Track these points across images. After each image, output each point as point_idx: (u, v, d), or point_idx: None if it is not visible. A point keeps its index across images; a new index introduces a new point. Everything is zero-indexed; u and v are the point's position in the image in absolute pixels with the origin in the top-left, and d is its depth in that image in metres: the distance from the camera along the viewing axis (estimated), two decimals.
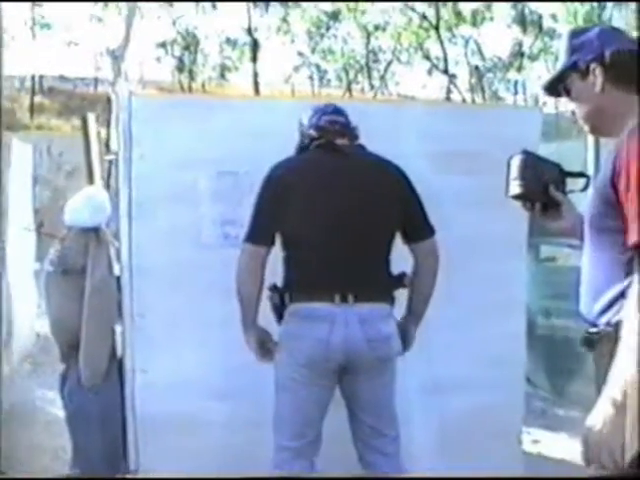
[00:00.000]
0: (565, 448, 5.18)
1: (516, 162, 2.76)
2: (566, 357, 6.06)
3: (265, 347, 3.64)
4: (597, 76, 2.42)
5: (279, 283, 3.59)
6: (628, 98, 2.38)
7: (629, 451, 2.09)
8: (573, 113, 2.57)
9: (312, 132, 3.65)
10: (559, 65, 2.54)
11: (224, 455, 4.13)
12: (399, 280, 3.66)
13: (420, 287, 3.72)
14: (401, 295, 3.73)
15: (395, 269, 3.68)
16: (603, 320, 2.31)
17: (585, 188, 2.73)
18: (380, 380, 3.60)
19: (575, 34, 2.54)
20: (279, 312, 3.58)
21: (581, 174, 2.82)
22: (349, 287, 3.49)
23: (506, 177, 2.79)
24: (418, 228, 3.69)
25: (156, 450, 4.13)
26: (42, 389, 6.55)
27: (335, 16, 34.33)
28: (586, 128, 2.56)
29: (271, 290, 3.59)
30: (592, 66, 2.43)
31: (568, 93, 2.54)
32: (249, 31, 34.13)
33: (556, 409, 6.26)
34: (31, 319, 7.93)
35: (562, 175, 2.79)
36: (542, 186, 2.74)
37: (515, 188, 2.76)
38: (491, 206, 4.24)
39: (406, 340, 3.76)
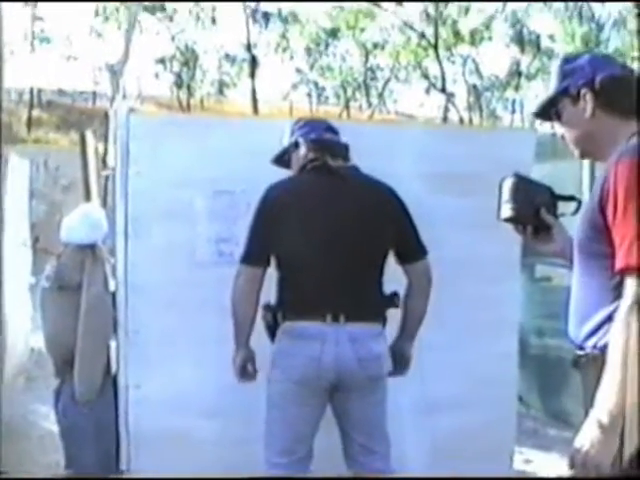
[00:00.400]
0: (557, 468, 5.19)
1: (508, 185, 2.79)
2: (559, 377, 6.07)
3: (246, 368, 3.67)
4: (588, 101, 2.46)
5: (272, 302, 3.62)
6: (618, 123, 2.42)
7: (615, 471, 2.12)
8: (563, 137, 2.61)
9: (309, 148, 3.68)
10: (551, 90, 2.58)
11: (217, 471, 4.12)
12: (391, 300, 3.68)
13: (413, 307, 3.75)
14: (394, 315, 3.76)
15: (388, 289, 3.71)
16: (590, 343, 2.34)
17: (576, 211, 2.75)
18: (371, 399, 3.62)
19: (567, 60, 2.58)
20: (272, 330, 3.61)
21: (572, 198, 2.84)
22: (341, 307, 3.52)
23: (498, 200, 2.81)
24: (411, 249, 3.72)
25: (149, 465, 4.13)
26: (36, 404, 6.53)
27: (334, 33, 34.48)
28: (576, 153, 2.60)
29: (264, 309, 3.61)
30: (583, 91, 2.46)
31: (559, 118, 2.57)
32: (248, 47, 34.25)
33: (548, 429, 6.26)
34: (25, 334, 7.91)
35: (553, 198, 2.81)
36: (533, 209, 2.77)
37: (507, 211, 2.78)
38: (485, 227, 4.25)
39: (403, 361, 3.79)
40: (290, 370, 3.53)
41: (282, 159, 3.81)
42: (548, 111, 2.61)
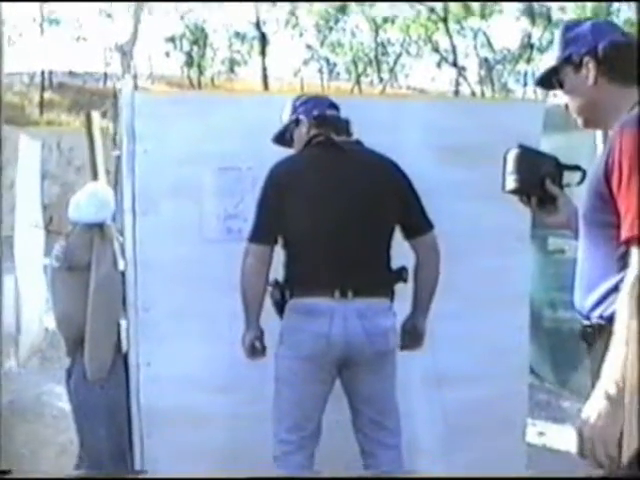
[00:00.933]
0: (570, 440, 5.18)
1: (512, 156, 2.77)
2: (572, 349, 6.06)
3: (255, 346, 3.67)
4: (590, 69, 2.43)
5: (280, 278, 3.62)
6: (621, 91, 2.40)
7: (625, 445, 2.11)
8: (566, 107, 2.58)
9: (311, 125, 3.69)
10: (553, 58, 2.55)
11: (228, 448, 4.16)
12: (399, 275, 3.68)
13: (423, 281, 3.75)
14: (408, 291, 3.76)
15: (398, 264, 3.70)
16: (596, 314, 2.32)
17: (581, 182, 2.73)
18: (380, 373, 3.63)
19: (569, 28, 2.55)
20: (280, 307, 3.62)
21: (577, 167, 2.82)
22: (348, 282, 3.52)
23: (502, 171, 2.80)
24: (416, 223, 3.71)
25: (161, 443, 4.16)
26: (50, 384, 6.60)
27: (343, 9, 34.29)
28: (579, 121, 2.58)
29: (272, 286, 3.62)
30: (585, 59, 2.44)
31: (561, 86, 2.55)
32: (257, 25, 34.13)
33: (561, 401, 6.26)
34: (40, 314, 7.97)
35: (559, 168, 2.80)
36: (538, 180, 2.75)
37: (511, 183, 2.77)
38: (493, 199, 4.20)
39: (416, 335, 3.81)
40: (298, 346, 3.54)
41: (283, 137, 3.81)
42: (551, 80, 2.59)
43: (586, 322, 2.38)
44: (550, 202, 2.77)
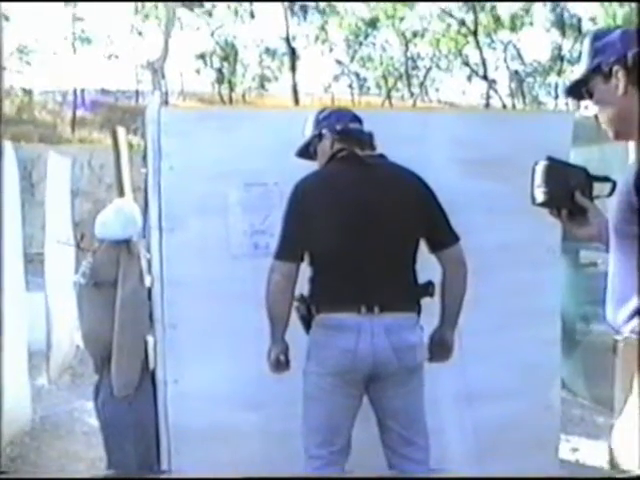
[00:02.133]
0: (604, 456, 5.10)
1: (540, 168, 2.73)
2: (605, 364, 5.97)
3: (280, 360, 3.65)
4: (620, 79, 2.38)
5: (305, 294, 3.60)
6: None
7: None
8: (596, 117, 2.53)
9: (335, 139, 3.67)
10: (582, 68, 2.51)
11: (257, 465, 4.13)
12: (425, 289, 3.65)
13: (450, 294, 3.71)
14: (431, 304, 3.72)
15: (425, 278, 3.67)
16: (628, 328, 2.27)
17: (611, 193, 2.68)
18: (407, 388, 3.59)
19: (597, 36, 2.50)
20: (306, 322, 3.60)
21: (607, 179, 2.77)
22: (375, 297, 3.50)
23: (531, 184, 2.76)
24: (442, 236, 3.67)
25: (189, 460, 4.14)
26: (81, 400, 6.59)
27: (373, 24, 34.35)
28: (610, 134, 2.52)
29: (298, 301, 3.60)
30: (615, 68, 2.39)
31: (591, 96, 2.50)
32: (287, 40, 34.26)
33: (595, 416, 6.17)
34: (70, 331, 8.00)
35: (588, 180, 2.75)
36: (568, 192, 2.70)
37: (540, 195, 2.73)
38: (524, 212, 4.16)
39: (444, 348, 3.76)
40: (326, 362, 3.52)
41: (306, 151, 3.79)
42: (580, 90, 2.54)
43: (618, 337, 2.33)
44: (580, 214, 2.72)
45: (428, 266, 3.69)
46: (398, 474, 3.65)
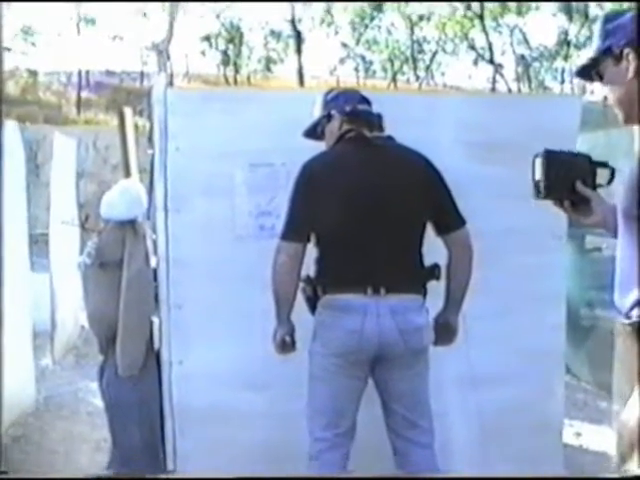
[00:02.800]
0: (607, 441, 5.11)
1: (539, 162, 2.70)
2: (609, 349, 5.98)
3: (285, 341, 3.65)
4: (630, 61, 2.36)
5: (312, 274, 3.59)
6: None
7: None
8: (605, 98, 2.52)
9: (343, 120, 3.65)
10: (593, 49, 2.49)
11: (261, 446, 4.14)
12: (431, 272, 3.64)
13: (456, 277, 3.70)
14: (440, 287, 3.72)
15: (429, 261, 3.66)
16: (636, 312, 2.26)
17: (611, 180, 2.67)
18: (413, 371, 3.59)
19: (609, 19, 2.48)
20: (312, 303, 3.59)
21: (606, 165, 2.75)
22: (381, 279, 3.49)
23: (532, 178, 2.73)
24: (449, 219, 3.67)
25: (193, 441, 4.15)
26: (85, 380, 6.61)
27: (379, 7, 34.20)
28: (620, 116, 2.50)
29: (304, 282, 3.59)
30: (625, 51, 2.37)
31: (601, 78, 2.49)
32: (293, 23, 34.13)
33: (598, 401, 6.18)
34: (75, 311, 8.02)
35: (592, 167, 2.72)
36: (569, 183, 2.68)
37: (541, 190, 2.71)
38: (529, 197, 4.18)
39: (449, 331, 3.77)
40: (331, 343, 3.52)
41: (314, 132, 3.78)
42: (590, 71, 2.52)
43: (626, 321, 2.32)
44: (584, 204, 2.70)
45: (434, 250, 3.69)
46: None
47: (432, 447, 3.66)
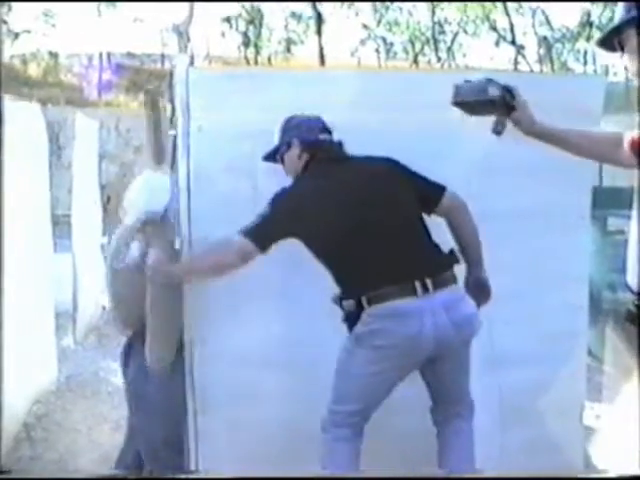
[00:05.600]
0: (628, 424, 5.08)
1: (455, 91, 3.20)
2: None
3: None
4: None
5: (346, 292, 3.61)
6: None
7: None
8: (626, 68, 2.50)
9: (302, 151, 3.76)
10: (616, 19, 2.47)
11: (283, 427, 4.14)
12: (453, 256, 3.70)
13: (464, 237, 3.75)
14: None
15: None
16: None
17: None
18: (461, 363, 3.70)
19: None
20: (355, 317, 3.57)
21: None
22: (422, 275, 3.52)
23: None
24: (429, 192, 3.72)
25: (215, 420, 4.14)
26: (107, 360, 6.66)
27: None
28: None
29: (342, 299, 3.60)
30: None
31: (622, 48, 2.47)
32: (313, 4, 33.97)
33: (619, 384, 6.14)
34: (96, 292, 8.05)
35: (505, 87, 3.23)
36: (488, 102, 3.18)
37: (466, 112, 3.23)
38: (553, 177, 4.18)
39: (483, 289, 3.79)
40: (384, 350, 3.52)
41: (274, 157, 3.86)
42: (612, 41, 2.51)
43: (638, 301, 2.31)
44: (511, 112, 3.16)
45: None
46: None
47: (472, 420, 3.78)
